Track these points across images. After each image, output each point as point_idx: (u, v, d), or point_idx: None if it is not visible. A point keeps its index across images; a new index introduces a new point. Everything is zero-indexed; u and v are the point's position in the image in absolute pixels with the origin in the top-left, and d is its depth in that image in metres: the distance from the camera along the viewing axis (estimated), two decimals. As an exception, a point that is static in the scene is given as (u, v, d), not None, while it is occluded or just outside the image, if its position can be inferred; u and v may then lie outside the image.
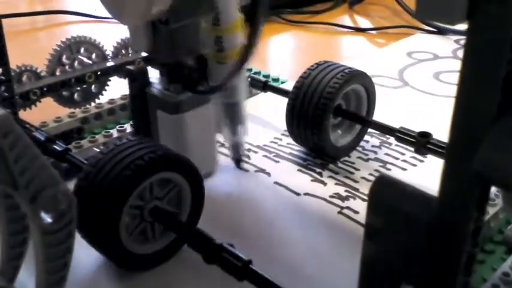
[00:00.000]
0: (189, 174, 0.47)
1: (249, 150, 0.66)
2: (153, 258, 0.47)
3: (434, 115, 0.72)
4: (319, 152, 0.63)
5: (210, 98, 0.55)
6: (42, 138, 0.55)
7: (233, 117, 0.58)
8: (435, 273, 0.27)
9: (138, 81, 0.54)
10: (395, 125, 0.60)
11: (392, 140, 0.65)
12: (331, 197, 0.58)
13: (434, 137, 0.56)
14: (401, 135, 0.58)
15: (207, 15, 0.51)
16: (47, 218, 0.34)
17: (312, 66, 0.63)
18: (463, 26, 0.22)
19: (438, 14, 0.22)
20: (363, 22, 1.17)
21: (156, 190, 0.46)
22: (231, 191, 0.59)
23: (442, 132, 0.56)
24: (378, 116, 0.65)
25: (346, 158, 0.65)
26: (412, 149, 0.59)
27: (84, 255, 0.47)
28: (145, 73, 0.55)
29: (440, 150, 0.55)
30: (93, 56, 0.73)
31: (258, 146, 0.67)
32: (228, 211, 0.56)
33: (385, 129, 0.62)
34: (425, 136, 0.56)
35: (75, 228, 0.35)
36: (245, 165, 0.62)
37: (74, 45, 0.71)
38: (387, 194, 0.28)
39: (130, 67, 0.55)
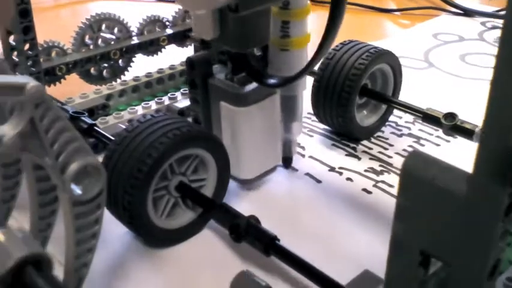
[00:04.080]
0: (212, 147, 0.47)
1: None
2: (182, 233, 0.48)
3: (461, 97, 0.71)
4: (344, 132, 0.63)
5: (276, 89, 0.51)
6: (69, 114, 0.56)
7: (289, 112, 0.54)
8: (467, 250, 0.27)
9: (200, 70, 0.51)
10: (421, 106, 0.59)
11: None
12: (365, 171, 0.58)
13: (460, 118, 0.55)
14: (428, 116, 0.58)
15: (278, 2, 0.47)
16: (77, 189, 0.34)
17: (337, 46, 0.62)
18: (490, 8, 0.22)
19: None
20: (388, 3, 1.16)
21: (177, 167, 0.46)
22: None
23: (468, 114, 0.55)
24: (403, 97, 0.64)
25: (380, 134, 0.65)
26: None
27: (113, 228, 0.47)
28: (208, 62, 0.51)
29: (466, 130, 0.54)
30: (116, 30, 0.73)
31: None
32: (263, 183, 0.56)
33: (411, 110, 0.61)
34: (451, 117, 0.56)
35: (105, 199, 0.35)
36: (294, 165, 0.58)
37: (95, 24, 0.71)
38: (421, 170, 0.28)
39: (190, 55, 0.51)
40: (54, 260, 0.33)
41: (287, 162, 0.57)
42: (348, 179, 0.57)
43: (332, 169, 0.58)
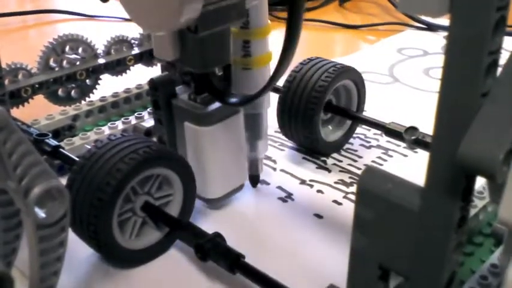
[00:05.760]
0: (172, 165, 0.47)
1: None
2: (148, 253, 0.48)
3: (424, 110, 0.73)
4: (310, 147, 0.63)
5: (240, 108, 0.51)
6: (33, 136, 0.56)
7: (254, 130, 0.54)
8: (423, 263, 0.27)
9: (162, 91, 0.51)
10: (386, 120, 0.61)
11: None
12: (335, 183, 0.59)
13: (423, 131, 0.57)
14: (390, 131, 0.59)
15: (237, 22, 0.47)
16: (41, 213, 0.34)
17: (304, 60, 0.63)
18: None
19: (422, 6, 0.22)
20: (354, 19, 1.18)
21: (140, 188, 0.46)
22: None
23: (431, 127, 0.57)
24: (368, 111, 0.66)
25: (349, 146, 0.66)
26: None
27: (78, 249, 0.47)
28: (171, 83, 0.51)
29: (427, 143, 0.56)
30: (80, 51, 0.73)
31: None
32: (230, 202, 0.56)
33: (374, 125, 0.62)
34: (412, 130, 0.57)
35: (68, 222, 0.35)
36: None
37: (58, 47, 0.71)
38: (375, 185, 0.28)
39: (153, 77, 0.51)
40: (17, 281, 0.33)
41: (254, 180, 0.57)
42: (319, 191, 0.58)
43: (303, 182, 0.59)
